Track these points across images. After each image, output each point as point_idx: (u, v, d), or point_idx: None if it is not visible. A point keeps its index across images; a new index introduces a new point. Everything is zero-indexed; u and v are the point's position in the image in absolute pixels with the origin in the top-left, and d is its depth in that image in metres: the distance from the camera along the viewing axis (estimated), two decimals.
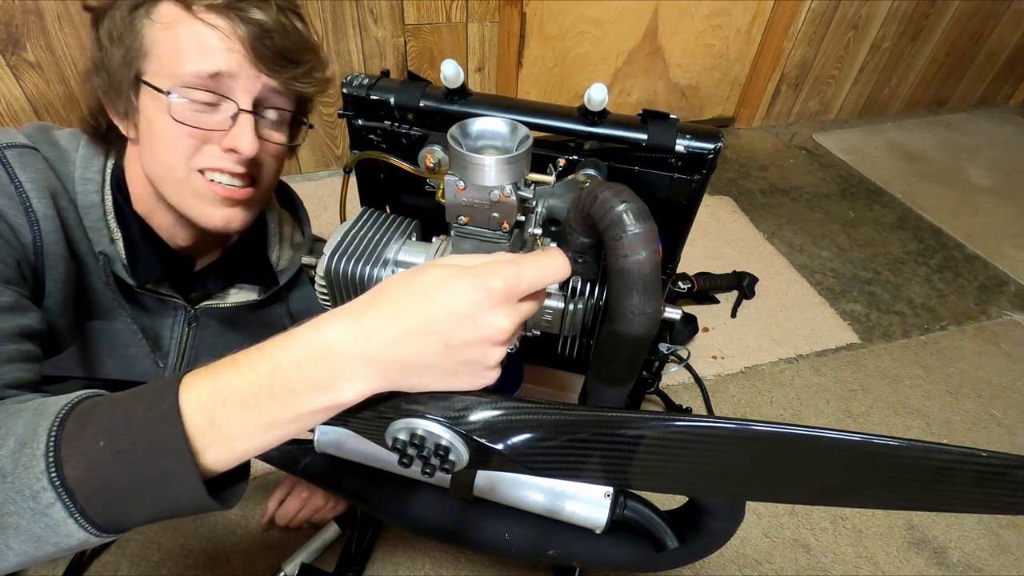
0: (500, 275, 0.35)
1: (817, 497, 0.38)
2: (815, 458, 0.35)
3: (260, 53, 0.58)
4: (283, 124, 0.66)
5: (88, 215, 0.63)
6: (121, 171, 0.66)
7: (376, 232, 0.61)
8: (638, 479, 0.39)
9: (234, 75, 0.58)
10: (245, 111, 0.59)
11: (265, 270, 0.78)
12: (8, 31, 1.27)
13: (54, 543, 0.34)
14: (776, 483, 0.38)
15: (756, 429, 0.35)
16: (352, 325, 0.35)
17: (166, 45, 0.57)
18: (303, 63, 0.62)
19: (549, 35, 1.82)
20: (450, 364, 0.36)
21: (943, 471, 0.34)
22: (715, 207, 1.85)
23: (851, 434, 0.33)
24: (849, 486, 0.36)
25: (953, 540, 1.07)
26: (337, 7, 1.54)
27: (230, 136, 0.59)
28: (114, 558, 0.92)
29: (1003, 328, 1.52)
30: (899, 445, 0.34)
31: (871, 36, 2.15)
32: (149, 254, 0.67)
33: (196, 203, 0.62)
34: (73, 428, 0.34)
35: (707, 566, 0.99)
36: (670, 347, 0.79)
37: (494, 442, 0.37)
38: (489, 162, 0.45)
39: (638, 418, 0.37)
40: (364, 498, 0.74)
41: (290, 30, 0.60)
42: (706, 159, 0.63)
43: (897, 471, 0.35)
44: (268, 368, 0.35)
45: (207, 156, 0.60)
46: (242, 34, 0.57)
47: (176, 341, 0.76)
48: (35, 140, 0.62)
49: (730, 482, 0.39)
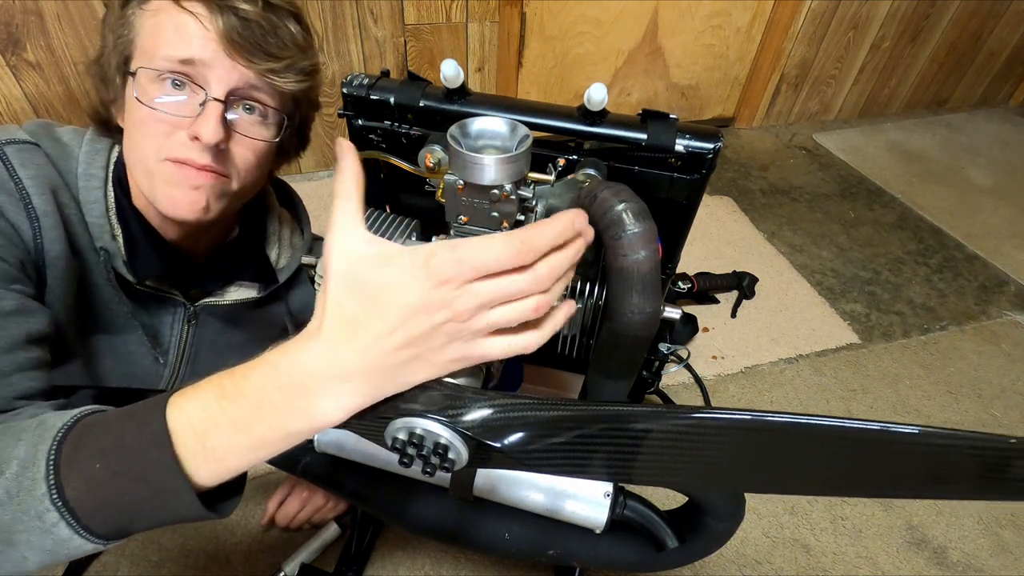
0: (438, 255, 0.33)
1: (831, 488, 0.38)
2: (831, 449, 0.34)
3: (236, 44, 0.57)
4: (265, 121, 0.64)
5: (91, 211, 0.63)
6: (123, 166, 0.67)
7: (376, 232, 0.61)
8: (642, 473, 0.38)
9: (208, 64, 0.57)
10: (215, 99, 0.58)
11: (265, 268, 0.79)
12: (8, 31, 1.27)
13: (66, 553, 0.36)
14: (787, 474, 0.37)
15: (771, 420, 0.34)
16: (319, 346, 0.34)
17: (149, 32, 0.58)
18: (284, 58, 0.60)
19: (549, 35, 1.83)
20: (427, 354, 0.35)
21: (968, 459, 0.34)
22: (715, 207, 1.85)
23: (870, 423, 0.32)
24: (865, 475, 0.36)
25: (953, 540, 1.07)
26: (337, 7, 1.54)
27: (195, 123, 0.58)
28: (114, 558, 0.92)
29: (1003, 328, 1.52)
30: (919, 433, 0.32)
31: (871, 36, 2.15)
32: (148, 250, 0.67)
33: (163, 188, 0.61)
34: (70, 450, 0.35)
35: (707, 566, 0.99)
36: (670, 347, 0.79)
37: (494, 440, 0.37)
38: (489, 161, 0.45)
39: (647, 412, 0.36)
40: (364, 498, 0.74)
41: (278, 26, 0.60)
42: (706, 159, 0.63)
43: (915, 459, 0.34)
44: (255, 395, 0.35)
45: (175, 144, 0.59)
46: (221, 24, 0.56)
47: (176, 338, 0.76)
48: (37, 136, 0.62)
49: (734, 474, 0.38)
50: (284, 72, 0.61)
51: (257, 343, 0.87)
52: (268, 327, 0.86)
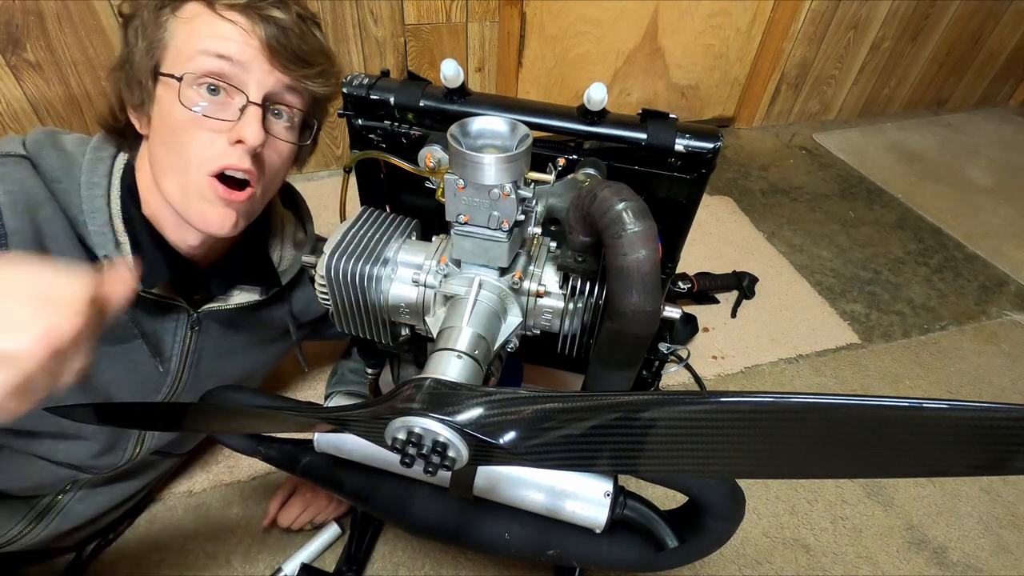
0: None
1: (856, 470, 0.36)
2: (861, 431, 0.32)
3: (275, 50, 0.60)
4: (292, 126, 0.66)
5: (94, 219, 0.62)
6: (133, 174, 0.66)
7: (376, 231, 0.61)
8: (649, 465, 0.38)
9: (246, 66, 0.59)
10: (254, 103, 0.60)
11: (268, 270, 0.78)
12: (8, 31, 1.27)
13: None
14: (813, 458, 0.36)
15: (794, 402, 0.32)
16: None
17: (184, 36, 0.59)
18: (317, 64, 0.64)
19: (549, 35, 1.83)
20: None
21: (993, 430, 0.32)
22: (715, 207, 1.85)
23: (897, 400, 0.31)
24: (894, 454, 0.34)
25: (953, 540, 1.07)
26: (337, 7, 1.54)
27: (237, 127, 0.59)
28: (114, 558, 0.92)
29: (1003, 328, 1.52)
30: (947, 407, 0.31)
31: (871, 36, 2.15)
32: (156, 257, 0.67)
33: (196, 203, 0.62)
34: None
35: (707, 566, 0.99)
36: (670, 347, 0.79)
37: (493, 436, 0.37)
38: (489, 161, 0.45)
39: (659, 399, 0.35)
40: (364, 498, 0.74)
41: (307, 34, 0.63)
42: (705, 159, 0.63)
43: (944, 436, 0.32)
44: None
45: (215, 154, 0.60)
46: (260, 31, 0.59)
47: (179, 345, 0.75)
48: (40, 145, 0.62)
49: (743, 461, 0.37)
50: (316, 77, 0.64)
51: (258, 345, 0.87)
52: (269, 329, 0.86)
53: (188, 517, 0.98)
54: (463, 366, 0.46)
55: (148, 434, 0.81)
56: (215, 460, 1.05)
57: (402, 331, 0.64)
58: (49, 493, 0.81)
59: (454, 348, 0.48)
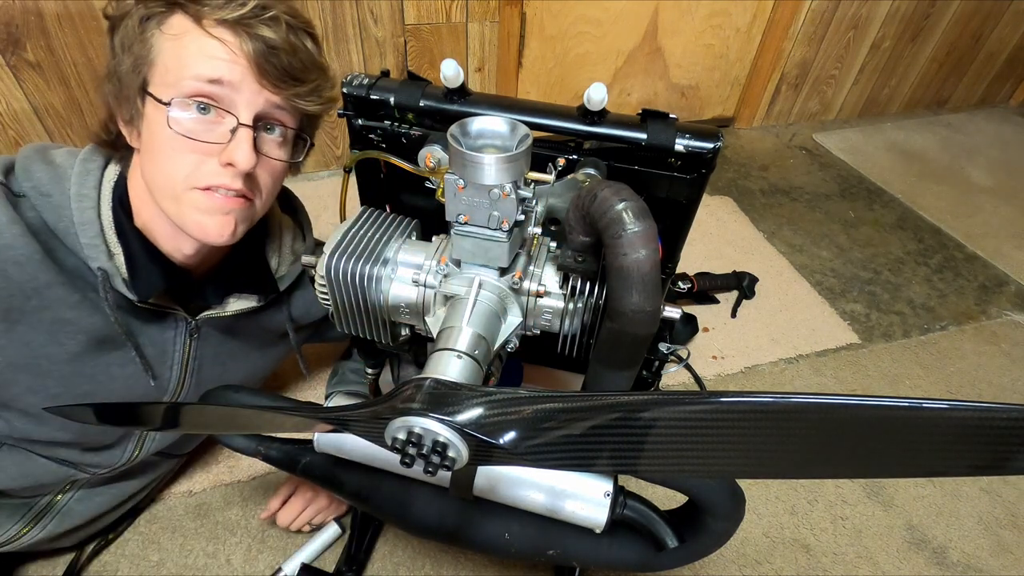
0: None
1: (859, 470, 0.36)
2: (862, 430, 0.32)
3: (264, 69, 0.58)
4: (285, 142, 0.65)
5: (85, 232, 0.62)
6: (124, 185, 0.66)
7: (376, 231, 0.61)
8: (649, 465, 0.37)
9: (236, 87, 0.58)
10: (244, 125, 0.59)
11: (265, 277, 0.78)
12: (8, 31, 1.27)
13: None
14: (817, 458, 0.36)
15: (795, 402, 0.32)
16: None
17: (172, 54, 0.57)
18: (308, 82, 0.62)
19: (549, 35, 1.83)
20: None
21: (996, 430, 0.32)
22: (715, 207, 1.85)
23: (897, 400, 0.31)
24: (895, 454, 0.33)
25: (953, 540, 1.07)
26: (337, 7, 1.54)
27: (228, 150, 0.58)
28: (114, 558, 0.92)
29: (1003, 328, 1.52)
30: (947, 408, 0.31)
31: (871, 36, 2.15)
32: (151, 268, 0.66)
33: (191, 213, 0.61)
34: None
35: (707, 566, 0.99)
36: (670, 347, 0.79)
37: (492, 436, 0.37)
38: (489, 160, 0.45)
39: (659, 399, 0.35)
40: (364, 498, 0.74)
41: (299, 48, 0.60)
42: (705, 158, 0.63)
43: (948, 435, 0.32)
44: None
45: (205, 173, 0.59)
46: (248, 49, 0.57)
47: (179, 354, 0.75)
48: (31, 161, 0.62)
49: (737, 462, 0.37)
50: (308, 95, 0.62)
51: (259, 349, 0.87)
52: (268, 333, 0.86)
53: (188, 517, 0.98)
54: (463, 366, 0.47)
55: (148, 435, 0.81)
56: (215, 460, 1.05)
57: (402, 331, 0.64)
58: (48, 493, 0.81)
59: (454, 348, 0.48)
